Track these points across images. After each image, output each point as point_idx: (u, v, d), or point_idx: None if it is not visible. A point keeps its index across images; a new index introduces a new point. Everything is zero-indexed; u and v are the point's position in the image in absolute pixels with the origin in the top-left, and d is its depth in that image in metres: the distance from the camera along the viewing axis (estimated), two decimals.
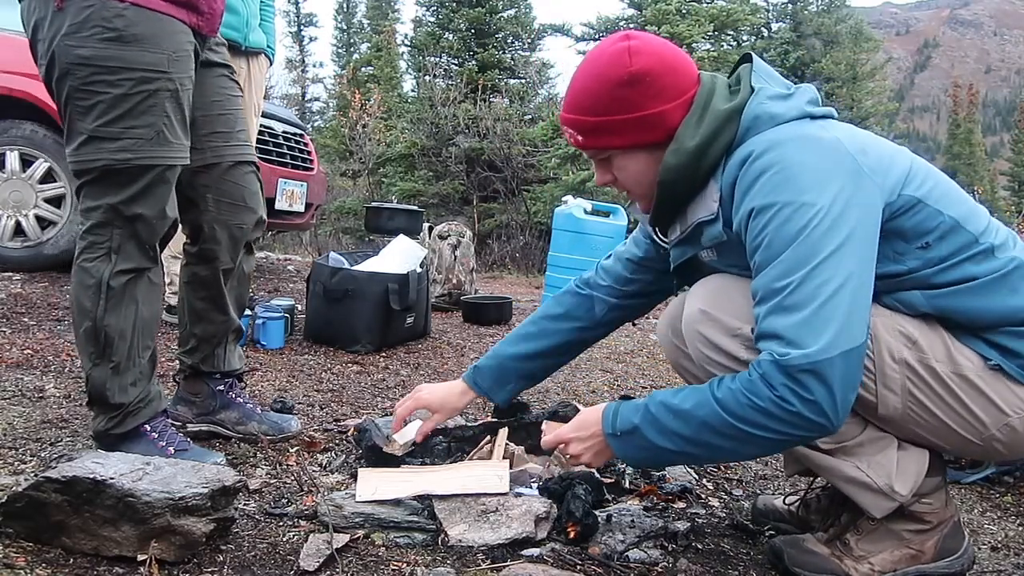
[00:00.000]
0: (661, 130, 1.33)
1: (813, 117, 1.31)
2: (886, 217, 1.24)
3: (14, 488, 1.29)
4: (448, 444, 1.84)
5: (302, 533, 1.41)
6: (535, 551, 1.40)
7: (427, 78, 14.00)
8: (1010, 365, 1.27)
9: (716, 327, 1.35)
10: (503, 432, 1.74)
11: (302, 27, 34.04)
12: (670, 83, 1.32)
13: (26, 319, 3.00)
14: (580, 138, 1.38)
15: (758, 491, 1.93)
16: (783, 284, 1.18)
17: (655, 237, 1.54)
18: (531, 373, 1.75)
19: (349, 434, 2.02)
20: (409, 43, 18.87)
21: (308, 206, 4.89)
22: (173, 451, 1.64)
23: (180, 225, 1.74)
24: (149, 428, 1.66)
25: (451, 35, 15.85)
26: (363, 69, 22.50)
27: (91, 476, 1.23)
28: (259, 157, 4.37)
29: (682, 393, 1.28)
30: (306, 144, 5.02)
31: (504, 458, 1.65)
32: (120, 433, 1.63)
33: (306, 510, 1.51)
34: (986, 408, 1.28)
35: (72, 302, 1.61)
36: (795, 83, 1.39)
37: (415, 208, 4.24)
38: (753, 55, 1.41)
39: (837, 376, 1.15)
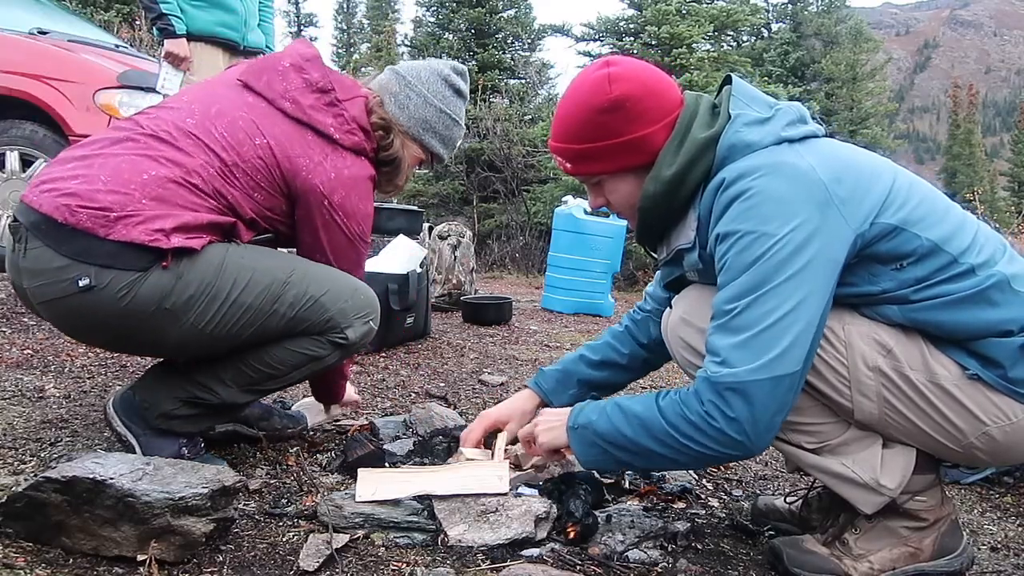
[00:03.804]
0: (647, 153, 1.36)
1: (791, 141, 1.30)
2: (860, 246, 1.25)
3: (14, 488, 1.29)
4: (448, 444, 1.85)
5: (302, 533, 1.41)
6: (535, 551, 1.40)
7: None
8: (989, 375, 1.27)
9: (692, 331, 1.41)
10: (503, 433, 1.74)
11: (302, 27, 34.04)
12: (652, 106, 1.34)
13: (26, 319, 2.99)
14: (569, 165, 1.42)
15: (758, 491, 1.93)
16: (731, 307, 1.23)
17: (647, 252, 1.58)
18: (594, 380, 1.76)
19: (349, 434, 2.02)
20: (409, 43, 18.84)
21: None
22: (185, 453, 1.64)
23: None
24: (186, 440, 1.66)
25: (451, 35, 15.83)
26: (363, 69, 22.49)
27: (91, 476, 1.23)
28: None
29: (637, 397, 1.34)
30: None
31: (504, 459, 1.64)
32: (166, 429, 1.62)
33: (306, 510, 1.51)
34: (963, 417, 1.28)
35: (283, 349, 1.61)
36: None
37: (415, 208, 4.23)
38: (734, 76, 1.42)
39: (763, 398, 1.19)
